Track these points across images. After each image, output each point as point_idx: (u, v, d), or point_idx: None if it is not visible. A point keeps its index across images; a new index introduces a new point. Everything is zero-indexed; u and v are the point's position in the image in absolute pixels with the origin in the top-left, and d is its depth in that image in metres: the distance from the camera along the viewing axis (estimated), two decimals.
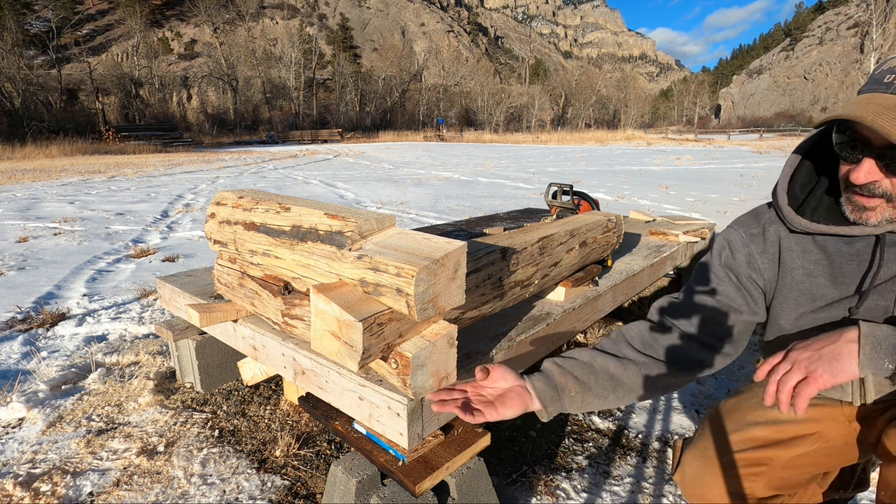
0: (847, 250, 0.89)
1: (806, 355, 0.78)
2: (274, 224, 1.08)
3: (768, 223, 0.99)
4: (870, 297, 0.87)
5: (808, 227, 0.90)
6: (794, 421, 1.00)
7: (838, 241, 0.90)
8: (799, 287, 0.95)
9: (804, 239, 0.94)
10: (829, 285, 0.91)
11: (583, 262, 1.67)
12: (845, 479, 1.15)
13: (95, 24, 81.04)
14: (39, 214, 6.04)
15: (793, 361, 0.78)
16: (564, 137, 39.94)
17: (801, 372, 0.76)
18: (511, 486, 1.38)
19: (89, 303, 2.85)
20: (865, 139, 0.79)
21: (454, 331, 0.92)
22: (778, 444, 0.99)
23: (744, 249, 1.00)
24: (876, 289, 0.86)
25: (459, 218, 5.38)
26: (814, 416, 1.00)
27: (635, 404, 1.81)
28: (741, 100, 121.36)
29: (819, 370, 0.75)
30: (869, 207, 0.82)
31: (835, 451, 1.00)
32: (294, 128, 50.92)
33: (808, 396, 0.75)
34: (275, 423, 1.65)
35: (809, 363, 0.76)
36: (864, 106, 0.76)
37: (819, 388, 0.75)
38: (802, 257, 0.94)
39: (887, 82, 0.78)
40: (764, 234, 0.98)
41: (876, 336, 0.74)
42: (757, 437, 1.00)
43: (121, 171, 12.75)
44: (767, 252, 0.98)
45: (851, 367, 0.74)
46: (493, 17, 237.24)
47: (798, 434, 1.00)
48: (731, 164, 13.47)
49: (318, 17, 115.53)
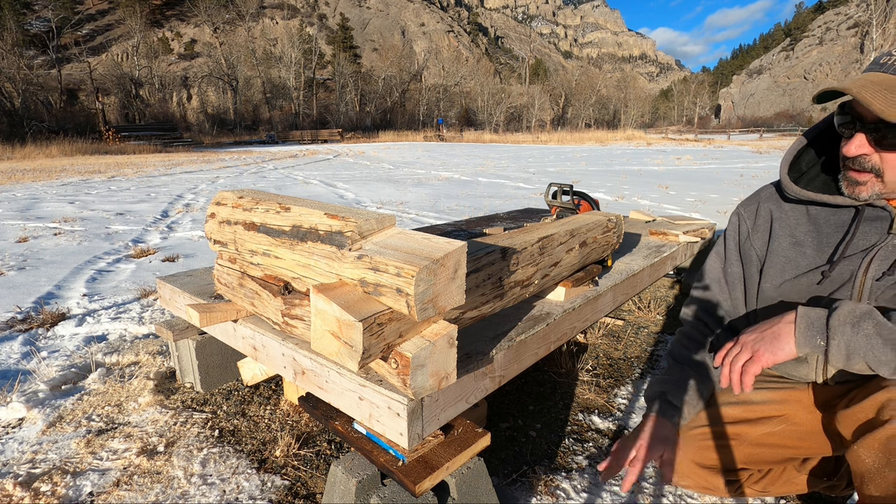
0: (834, 220, 0.96)
1: (752, 337, 0.87)
2: (274, 224, 1.08)
3: (764, 200, 1.09)
4: (840, 263, 0.93)
5: (800, 194, 0.98)
6: (763, 402, 1.09)
7: (828, 213, 0.97)
8: (785, 254, 1.02)
9: (798, 210, 1.02)
10: (815, 254, 0.98)
11: (583, 262, 1.67)
12: (828, 469, 1.18)
13: (95, 24, 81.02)
14: (39, 214, 6.04)
15: (742, 344, 0.88)
16: (564, 137, 39.94)
17: (748, 352, 0.86)
18: (511, 486, 1.38)
19: (89, 303, 2.85)
20: (860, 115, 0.85)
21: (454, 331, 0.92)
22: (747, 422, 1.09)
23: (743, 226, 1.12)
24: (848, 258, 0.93)
25: (459, 218, 5.38)
26: (781, 398, 1.09)
27: (635, 405, 1.81)
28: (741, 100, 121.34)
29: (761, 349, 0.85)
30: (860, 182, 0.88)
31: (804, 436, 1.07)
32: (294, 128, 50.93)
33: (752, 374, 0.85)
34: (275, 423, 1.65)
35: (754, 343, 0.86)
36: (856, 80, 0.83)
37: (763, 365, 0.84)
38: (793, 227, 1.02)
39: (882, 62, 0.84)
40: (758, 209, 1.10)
41: (810, 317, 0.82)
42: (728, 414, 1.10)
43: (121, 171, 12.76)
44: (759, 226, 1.09)
45: (789, 345, 0.83)
46: (493, 17, 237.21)
47: (766, 414, 1.08)
48: (732, 164, 13.48)
49: (318, 17, 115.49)
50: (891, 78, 0.82)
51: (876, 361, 0.76)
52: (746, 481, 1.16)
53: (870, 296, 0.89)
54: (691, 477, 1.13)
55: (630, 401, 1.84)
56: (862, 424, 0.85)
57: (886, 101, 0.78)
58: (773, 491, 1.19)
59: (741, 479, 1.15)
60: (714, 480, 1.12)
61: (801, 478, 1.18)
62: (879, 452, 0.78)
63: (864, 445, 0.81)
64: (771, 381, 1.12)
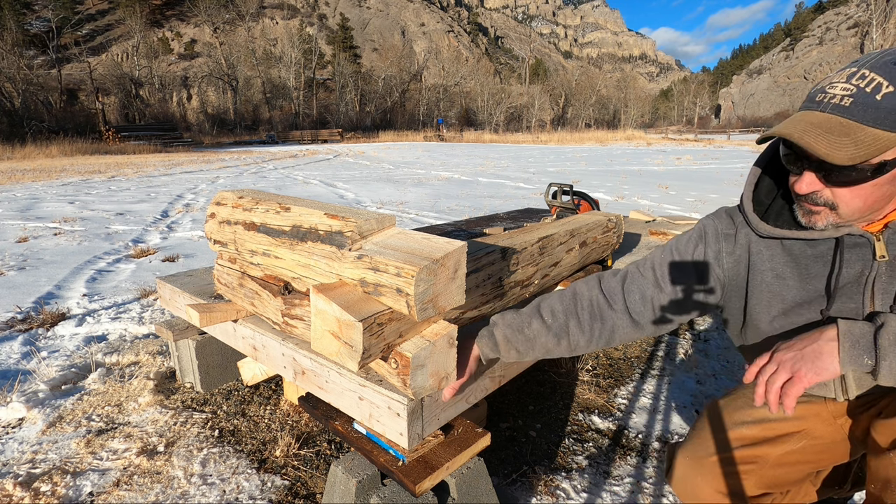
0: (811, 252, 0.93)
1: (790, 355, 0.81)
2: (274, 224, 1.08)
3: (741, 226, 1.03)
4: (838, 299, 0.90)
5: (772, 232, 0.95)
6: (782, 419, 1.04)
7: (803, 245, 0.94)
8: (769, 289, 0.98)
9: (773, 243, 0.98)
10: (799, 287, 0.95)
11: (583, 262, 1.67)
12: (838, 477, 1.17)
13: (95, 24, 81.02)
14: (39, 214, 6.04)
15: (778, 362, 0.81)
16: (564, 137, 39.94)
17: (787, 372, 0.79)
18: (511, 486, 1.38)
19: (89, 303, 2.85)
20: (805, 153, 0.83)
21: (454, 331, 0.92)
22: (767, 442, 1.03)
23: (714, 245, 1.04)
24: (842, 290, 0.90)
25: (459, 218, 5.38)
26: (800, 415, 1.04)
27: (635, 405, 1.81)
28: (741, 100, 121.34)
29: (803, 369, 0.78)
30: (815, 212, 0.87)
31: (823, 448, 1.03)
32: (294, 128, 50.92)
33: (795, 396, 0.78)
34: (275, 423, 1.65)
35: (794, 363, 0.79)
36: (796, 123, 0.81)
37: (805, 386, 0.78)
38: (771, 261, 0.98)
39: (818, 101, 0.82)
40: (735, 237, 1.03)
41: (854, 333, 0.77)
42: (746, 435, 1.04)
43: (121, 171, 12.76)
44: (735, 254, 1.02)
45: (833, 364, 0.77)
46: (493, 17, 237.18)
47: (786, 432, 1.03)
48: (732, 164, 13.48)
49: (318, 17, 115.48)
50: (828, 118, 0.79)
51: None
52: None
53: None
54: None
55: (630, 401, 1.84)
56: None
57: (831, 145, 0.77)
58: None
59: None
60: None
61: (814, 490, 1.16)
62: None
63: None
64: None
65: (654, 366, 2.11)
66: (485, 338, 1.06)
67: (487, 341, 1.05)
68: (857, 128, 0.76)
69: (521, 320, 1.06)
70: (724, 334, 2.46)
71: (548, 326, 1.05)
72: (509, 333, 1.05)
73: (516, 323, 1.06)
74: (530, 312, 1.07)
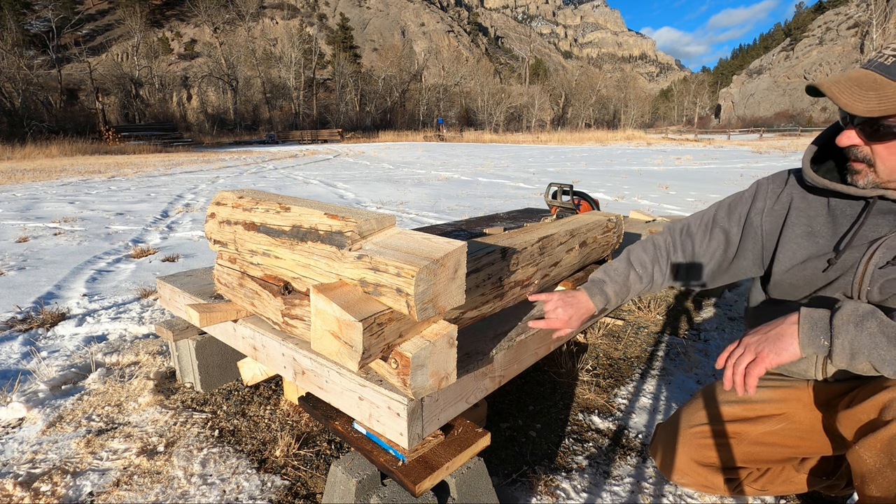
0: (850, 212, 0.98)
1: (755, 339, 0.87)
2: (274, 224, 1.08)
3: (789, 186, 1.11)
4: (846, 252, 0.95)
5: (815, 181, 1.00)
6: (763, 401, 1.10)
7: (845, 205, 0.99)
8: (797, 241, 1.04)
9: (820, 203, 1.03)
10: (827, 245, 1.00)
11: (583, 262, 1.67)
12: (826, 468, 1.19)
13: (95, 24, 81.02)
14: (39, 214, 6.04)
15: (745, 346, 0.88)
16: (564, 137, 39.94)
17: (751, 353, 0.86)
18: (511, 486, 1.38)
19: (89, 303, 2.85)
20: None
21: (454, 331, 0.92)
22: (747, 421, 1.10)
23: (761, 203, 1.13)
24: (855, 246, 0.94)
25: (459, 218, 5.38)
26: (781, 397, 1.09)
27: (635, 405, 1.81)
28: (741, 100, 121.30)
29: (765, 350, 0.84)
30: (857, 171, 0.92)
31: (803, 434, 1.08)
32: (294, 128, 50.91)
33: (756, 376, 0.84)
34: (275, 423, 1.65)
35: (758, 345, 0.86)
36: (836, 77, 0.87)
37: (766, 366, 0.84)
38: (812, 218, 1.04)
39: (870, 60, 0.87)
40: (780, 195, 1.11)
41: (813, 317, 0.82)
42: (727, 412, 1.11)
43: (121, 171, 12.76)
44: (775, 210, 1.10)
45: (793, 345, 0.83)
46: (493, 17, 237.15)
47: (766, 413, 1.09)
48: (732, 164, 13.48)
49: (318, 17, 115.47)
50: (866, 74, 0.84)
51: (880, 360, 0.75)
52: (745, 480, 1.16)
53: (871, 283, 0.90)
54: (691, 475, 1.13)
55: (630, 401, 1.84)
56: (864, 425, 0.85)
57: (853, 96, 0.82)
58: (772, 490, 1.20)
59: (740, 478, 1.15)
60: (713, 479, 1.13)
61: (800, 477, 1.18)
62: (881, 453, 0.79)
63: (865, 446, 0.81)
64: (771, 379, 1.13)
65: (654, 366, 2.11)
66: (597, 295, 1.24)
67: (601, 297, 1.23)
68: (887, 84, 0.81)
69: (622, 275, 1.26)
70: (724, 334, 2.46)
71: (640, 276, 1.26)
72: (617, 288, 1.25)
73: (620, 278, 1.25)
74: (626, 267, 1.27)
